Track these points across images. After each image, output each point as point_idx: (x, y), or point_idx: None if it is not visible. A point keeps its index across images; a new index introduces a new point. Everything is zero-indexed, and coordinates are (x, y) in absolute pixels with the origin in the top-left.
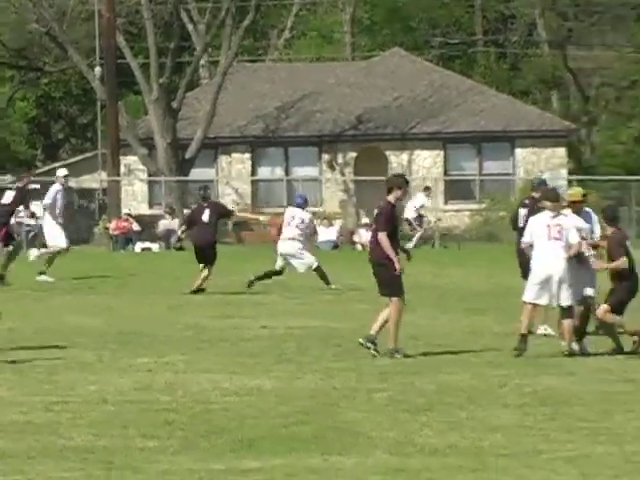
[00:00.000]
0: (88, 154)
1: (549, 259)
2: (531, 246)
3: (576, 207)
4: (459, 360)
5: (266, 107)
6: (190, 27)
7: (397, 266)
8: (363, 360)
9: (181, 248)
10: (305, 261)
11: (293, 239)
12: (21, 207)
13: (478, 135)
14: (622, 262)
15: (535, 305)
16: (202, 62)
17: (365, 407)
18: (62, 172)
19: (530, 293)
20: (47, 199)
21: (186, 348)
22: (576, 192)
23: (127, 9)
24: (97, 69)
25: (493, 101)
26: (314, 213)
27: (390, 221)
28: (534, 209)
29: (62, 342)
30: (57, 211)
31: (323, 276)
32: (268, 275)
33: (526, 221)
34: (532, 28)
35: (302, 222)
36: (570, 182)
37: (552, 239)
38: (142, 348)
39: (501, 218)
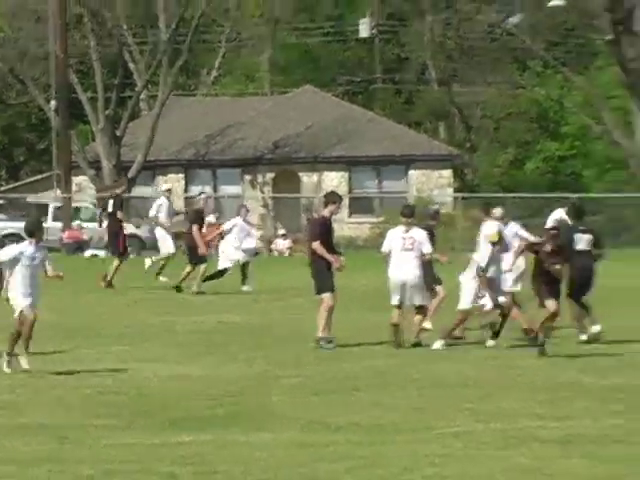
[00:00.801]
0: (45, 174)
1: (402, 267)
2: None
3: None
4: (361, 350)
5: (197, 135)
6: (132, 66)
7: (336, 264)
8: (278, 350)
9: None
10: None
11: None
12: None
13: (377, 159)
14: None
15: (398, 306)
16: (142, 96)
17: (280, 391)
18: (164, 187)
19: (393, 297)
20: (152, 211)
21: (129, 341)
22: (493, 235)
23: (78, 50)
24: (52, 102)
25: (390, 130)
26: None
27: (323, 231)
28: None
29: None
30: (165, 220)
31: (244, 276)
32: (214, 276)
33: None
34: (424, 68)
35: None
36: (455, 198)
37: (405, 250)
38: (92, 340)
39: None
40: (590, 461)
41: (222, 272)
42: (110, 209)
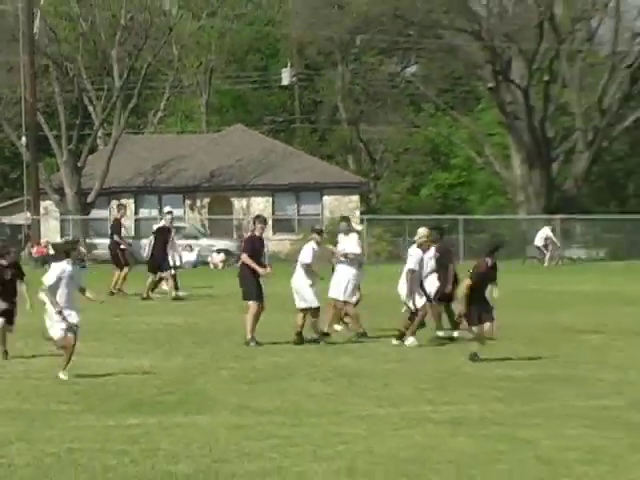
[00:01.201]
0: (17, 199)
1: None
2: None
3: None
4: (285, 346)
5: (145, 166)
6: (90, 109)
7: (262, 272)
8: (216, 346)
9: (84, 267)
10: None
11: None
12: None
13: (296, 186)
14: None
15: (302, 310)
16: (99, 134)
17: (217, 380)
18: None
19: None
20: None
21: (88, 338)
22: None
23: (45, 95)
24: (23, 139)
25: (307, 162)
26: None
27: (253, 246)
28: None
29: None
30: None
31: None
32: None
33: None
34: (335, 110)
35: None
36: (362, 220)
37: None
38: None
39: None
40: (475, 440)
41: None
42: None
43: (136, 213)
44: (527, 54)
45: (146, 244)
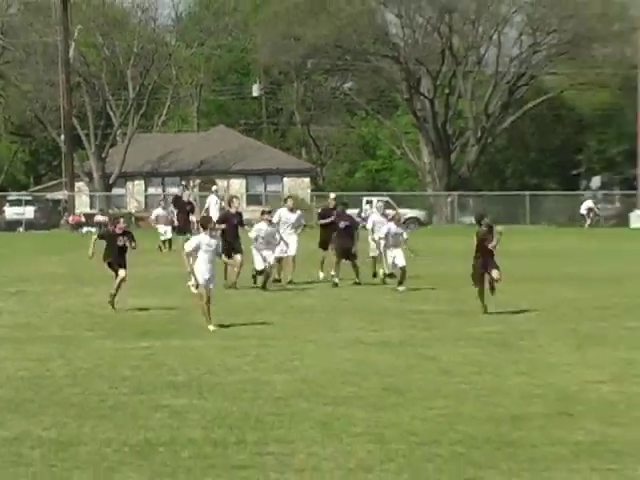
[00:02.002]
0: (57, 181)
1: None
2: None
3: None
4: (255, 290)
5: (152, 156)
6: (111, 114)
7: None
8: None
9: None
10: None
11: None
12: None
13: (264, 171)
14: None
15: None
16: (118, 133)
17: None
18: (213, 188)
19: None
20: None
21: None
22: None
23: (77, 104)
24: (62, 136)
25: (272, 153)
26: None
27: (225, 217)
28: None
29: None
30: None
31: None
32: None
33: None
34: (292, 114)
35: None
36: (312, 196)
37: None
38: (82, 285)
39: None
40: (394, 357)
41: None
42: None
43: (145, 191)
44: (432, 73)
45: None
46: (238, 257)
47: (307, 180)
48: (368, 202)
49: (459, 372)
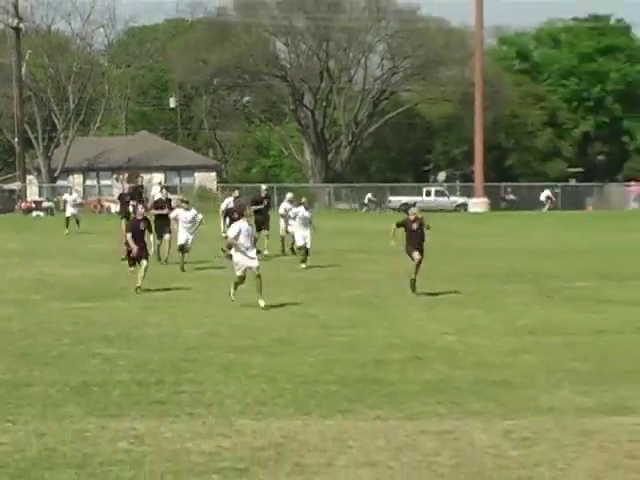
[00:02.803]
0: (12, 175)
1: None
2: None
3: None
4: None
5: (89, 155)
6: (56, 121)
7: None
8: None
9: (52, 214)
10: None
11: None
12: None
13: (179, 167)
14: None
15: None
16: (61, 136)
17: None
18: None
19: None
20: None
21: (55, 257)
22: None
23: (28, 112)
24: (16, 139)
25: (185, 153)
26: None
27: (157, 204)
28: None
29: None
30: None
31: None
32: None
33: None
34: (201, 122)
35: None
36: (217, 187)
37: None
38: (35, 259)
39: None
40: (287, 315)
41: None
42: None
43: (84, 183)
44: (313, 90)
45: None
46: (167, 237)
47: (214, 174)
48: (427, 193)
49: (335, 327)
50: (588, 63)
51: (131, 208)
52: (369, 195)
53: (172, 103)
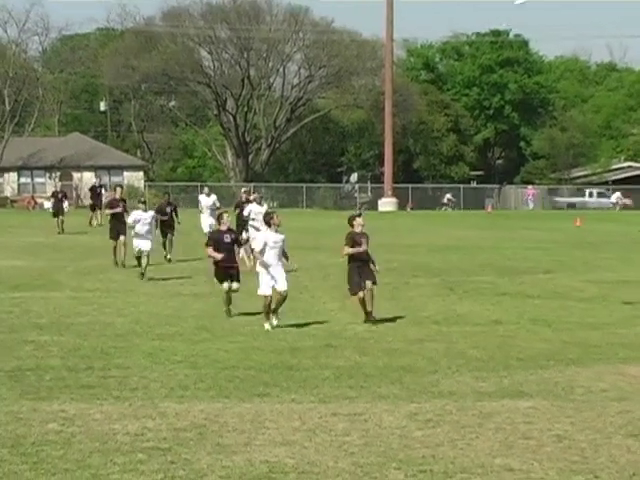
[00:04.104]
0: None
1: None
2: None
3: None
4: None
5: (23, 154)
6: None
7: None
8: (66, 255)
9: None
10: None
11: None
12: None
13: (109, 166)
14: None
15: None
16: None
17: (64, 273)
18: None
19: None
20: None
21: None
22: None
23: None
24: None
25: (115, 153)
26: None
27: (111, 203)
28: None
29: None
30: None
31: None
32: None
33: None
34: (130, 125)
35: None
36: (145, 186)
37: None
38: None
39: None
40: (206, 304)
41: None
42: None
43: (18, 180)
44: (235, 96)
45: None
46: (122, 238)
47: (141, 174)
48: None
49: (254, 316)
50: (489, 74)
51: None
52: (448, 195)
53: (102, 107)
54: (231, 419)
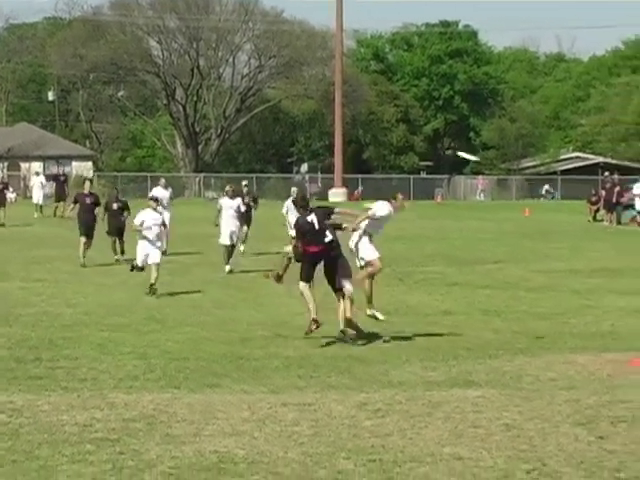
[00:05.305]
0: None
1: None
2: None
3: None
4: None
5: None
6: None
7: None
8: (18, 246)
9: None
10: None
11: None
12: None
13: (57, 156)
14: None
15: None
16: None
17: (14, 263)
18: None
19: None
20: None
21: None
22: None
23: None
24: None
25: (63, 143)
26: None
27: (78, 198)
28: None
29: None
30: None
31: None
32: None
33: None
34: (79, 114)
35: None
36: (94, 175)
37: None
38: None
39: None
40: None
41: None
42: None
43: None
44: (184, 86)
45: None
46: (84, 239)
47: (90, 163)
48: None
49: (204, 307)
50: (438, 65)
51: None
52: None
53: (50, 96)
54: (180, 410)
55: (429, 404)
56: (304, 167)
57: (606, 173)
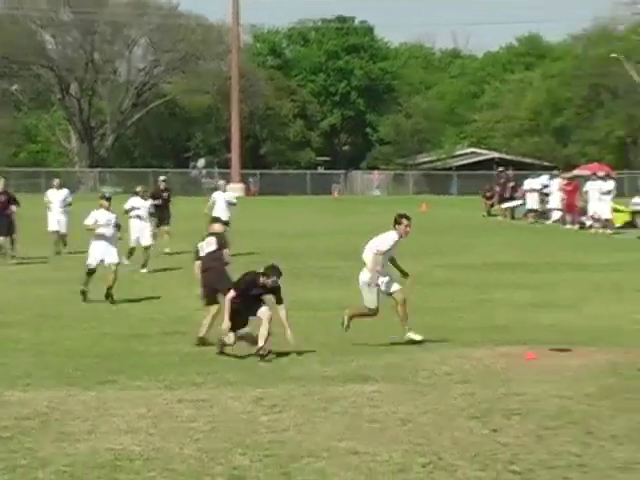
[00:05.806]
0: None
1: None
2: None
3: None
4: None
5: None
6: None
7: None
8: None
9: None
10: None
11: None
12: None
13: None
14: None
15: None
16: None
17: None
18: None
19: None
20: None
21: None
22: None
23: None
24: None
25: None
26: None
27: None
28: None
29: None
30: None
31: None
32: None
33: None
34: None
35: None
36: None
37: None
38: None
39: None
40: (50, 291)
41: None
42: None
43: None
44: (79, 80)
45: None
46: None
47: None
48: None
49: (101, 303)
50: (335, 60)
51: None
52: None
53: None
54: (75, 407)
55: (326, 399)
56: (201, 162)
57: (500, 168)
